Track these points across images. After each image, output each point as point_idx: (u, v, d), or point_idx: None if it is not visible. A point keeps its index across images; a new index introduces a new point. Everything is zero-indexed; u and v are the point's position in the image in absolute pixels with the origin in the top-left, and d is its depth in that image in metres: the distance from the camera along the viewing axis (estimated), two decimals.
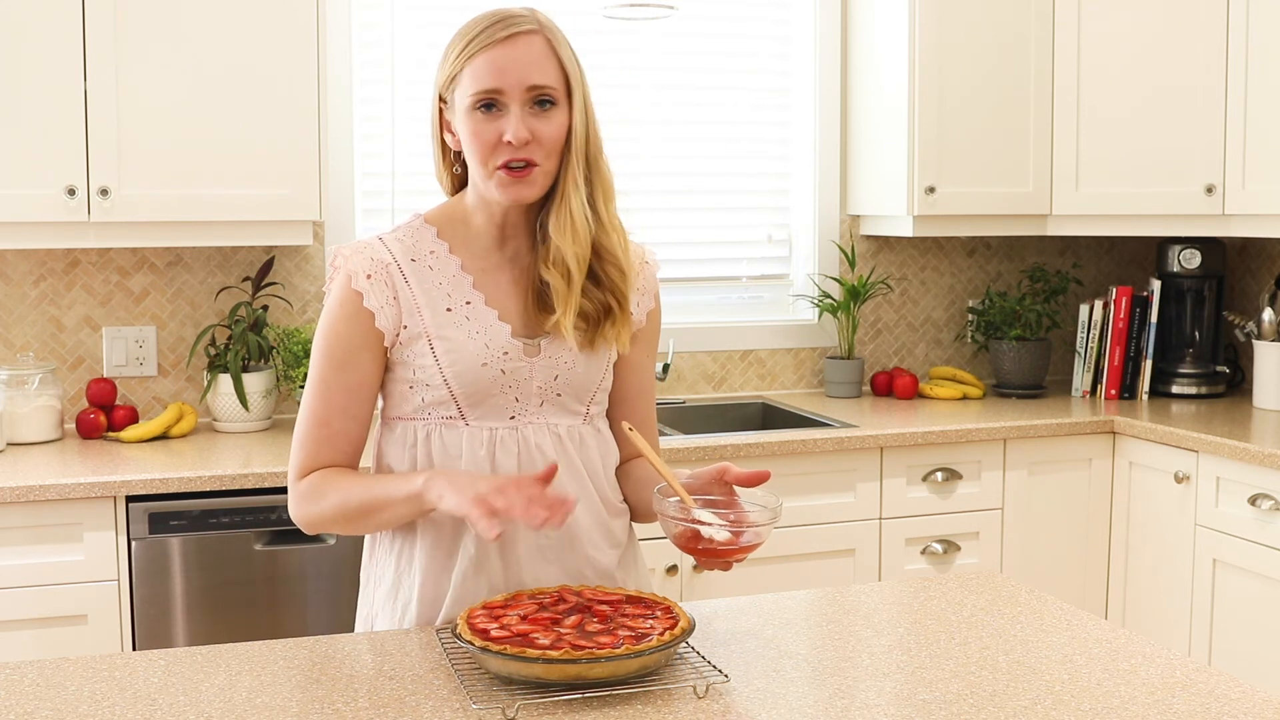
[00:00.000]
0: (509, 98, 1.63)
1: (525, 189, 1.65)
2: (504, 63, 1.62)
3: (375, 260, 1.69)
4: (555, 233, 1.67)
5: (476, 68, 1.63)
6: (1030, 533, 3.36)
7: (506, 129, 1.62)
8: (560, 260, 1.67)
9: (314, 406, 1.71)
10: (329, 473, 1.70)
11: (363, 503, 1.66)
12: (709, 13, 3.72)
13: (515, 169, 1.64)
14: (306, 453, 1.71)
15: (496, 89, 1.62)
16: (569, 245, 1.67)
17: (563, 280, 1.68)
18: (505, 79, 1.62)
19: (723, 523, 1.58)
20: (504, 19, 1.65)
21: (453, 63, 1.66)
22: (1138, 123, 3.51)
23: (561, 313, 1.68)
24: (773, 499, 1.63)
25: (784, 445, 3.10)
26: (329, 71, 3.18)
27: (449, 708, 1.40)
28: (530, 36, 1.64)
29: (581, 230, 1.67)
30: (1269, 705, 1.42)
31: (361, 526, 1.71)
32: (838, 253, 3.84)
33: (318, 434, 1.70)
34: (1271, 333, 3.51)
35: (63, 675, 1.51)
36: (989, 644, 1.62)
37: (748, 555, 1.60)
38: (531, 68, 1.63)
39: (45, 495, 2.61)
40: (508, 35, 1.63)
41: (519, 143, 1.62)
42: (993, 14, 3.53)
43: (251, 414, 3.16)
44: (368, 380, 1.70)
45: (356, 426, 1.71)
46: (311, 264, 3.38)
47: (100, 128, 2.87)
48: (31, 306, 3.19)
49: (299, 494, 1.71)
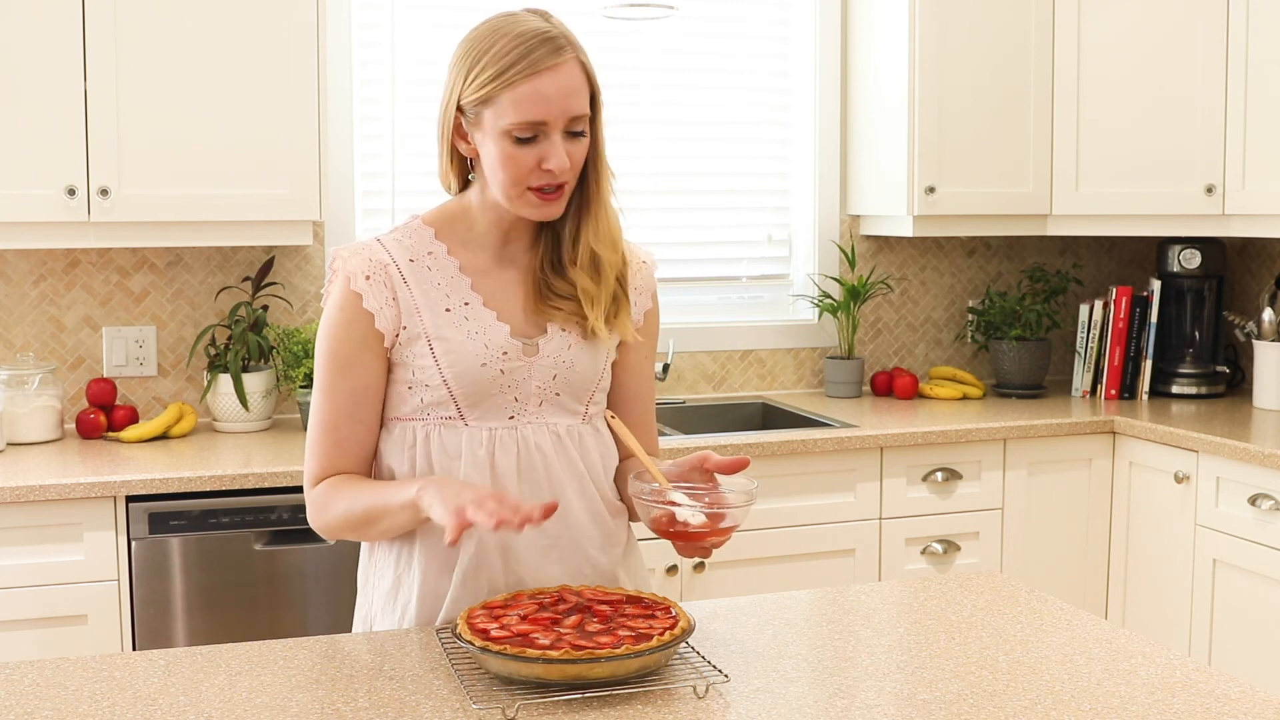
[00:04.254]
0: (552, 128, 1.62)
1: (555, 208, 1.68)
2: (550, 93, 1.61)
3: (374, 261, 1.69)
4: (594, 241, 1.71)
5: (521, 98, 1.60)
6: (1030, 533, 3.36)
7: (548, 158, 1.62)
8: (594, 264, 1.71)
9: (321, 413, 1.71)
10: (336, 481, 1.70)
11: (365, 511, 1.66)
12: (709, 13, 3.72)
13: (549, 192, 1.65)
14: (318, 460, 1.71)
15: (542, 122, 1.61)
16: (607, 253, 1.72)
17: (593, 282, 1.71)
18: (551, 111, 1.61)
19: (697, 504, 1.58)
20: (544, 42, 1.62)
21: (487, 84, 1.62)
22: (1138, 123, 3.51)
23: (594, 315, 1.71)
24: (749, 482, 1.64)
25: (784, 445, 3.10)
26: (329, 71, 3.18)
27: (449, 708, 1.40)
28: (571, 65, 1.63)
29: (619, 238, 1.74)
30: (1269, 705, 1.42)
31: (368, 534, 1.72)
32: (838, 253, 3.84)
33: (327, 440, 1.70)
34: (1271, 333, 3.51)
35: (63, 675, 1.51)
36: (989, 644, 1.62)
37: (725, 539, 1.61)
38: (575, 97, 1.63)
39: (45, 495, 2.61)
40: (553, 65, 1.61)
41: (561, 173, 1.63)
42: (993, 13, 3.53)
43: (251, 414, 3.16)
44: (373, 383, 1.70)
45: (365, 430, 1.71)
46: (311, 264, 3.38)
47: (100, 128, 2.87)
48: (31, 306, 3.19)
49: (312, 503, 1.72)
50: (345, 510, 1.67)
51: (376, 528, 1.68)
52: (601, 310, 1.72)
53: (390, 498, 1.64)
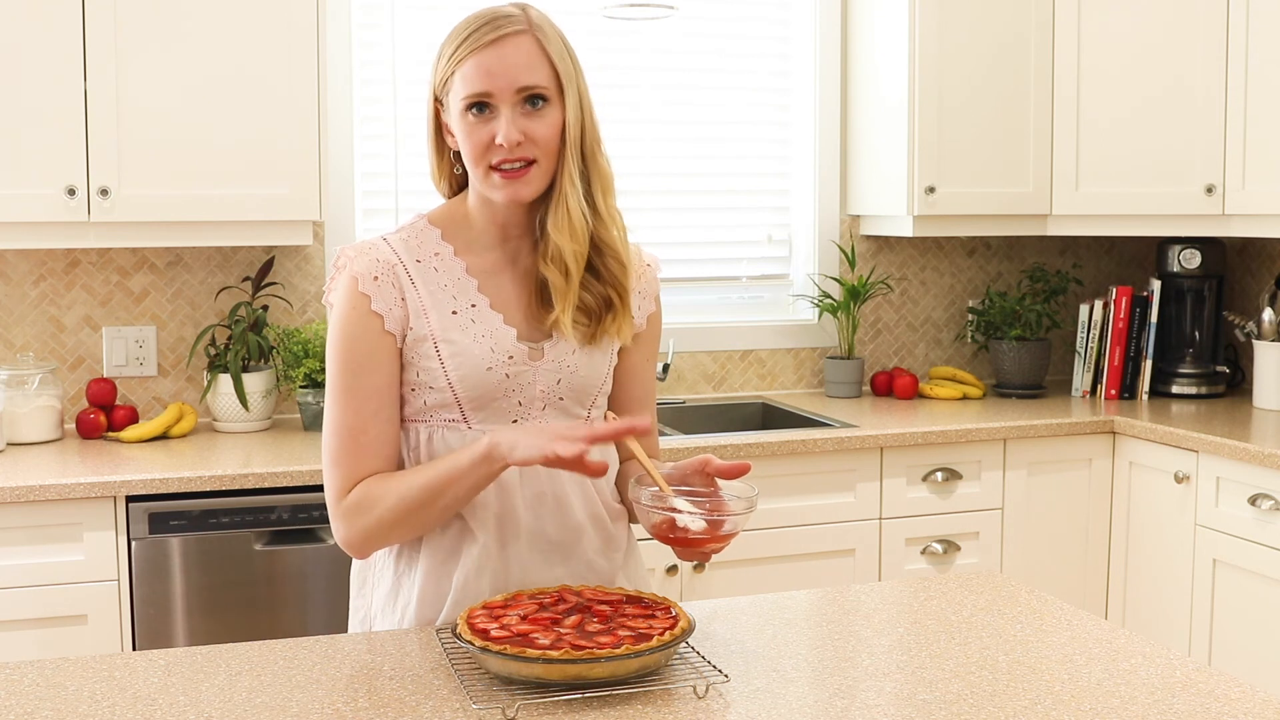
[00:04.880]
0: (499, 100, 1.63)
1: (521, 188, 1.65)
2: (493, 65, 1.62)
3: (381, 262, 1.68)
4: (553, 230, 1.67)
5: (466, 71, 1.63)
6: (1030, 533, 3.36)
7: (498, 131, 1.62)
8: (559, 257, 1.67)
9: (343, 417, 1.65)
10: (376, 479, 1.64)
11: (425, 488, 1.60)
12: (709, 13, 3.72)
13: (510, 170, 1.64)
14: (346, 468, 1.65)
15: (486, 92, 1.62)
16: (567, 242, 1.67)
17: (561, 277, 1.68)
18: (494, 82, 1.62)
19: (698, 511, 1.58)
20: (491, 20, 1.65)
21: (445, 66, 1.66)
22: (1137, 123, 3.51)
23: (561, 310, 1.68)
24: (749, 489, 1.63)
25: (784, 445, 3.10)
26: (329, 72, 3.18)
27: (449, 708, 1.40)
28: (518, 37, 1.64)
29: (579, 227, 1.67)
30: (1269, 705, 1.42)
31: (423, 520, 1.64)
32: (838, 253, 3.84)
33: (354, 444, 1.65)
34: (1271, 333, 3.51)
35: (63, 675, 1.51)
36: (989, 644, 1.62)
37: (725, 545, 1.60)
38: (520, 69, 1.63)
39: (45, 495, 2.61)
40: (495, 37, 1.63)
41: (510, 145, 1.62)
42: (993, 14, 3.53)
43: (251, 414, 3.16)
44: (392, 380, 1.67)
45: (391, 429, 1.67)
46: (311, 264, 3.38)
47: (100, 128, 2.87)
48: (31, 306, 3.19)
49: (346, 511, 1.64)
50: (399, 498, 1.61)
51: (440, 503, 1.61)
52: (570, 307, 1.68)
53: (455, 463, 1.60)
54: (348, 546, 1.67)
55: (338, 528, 1.66)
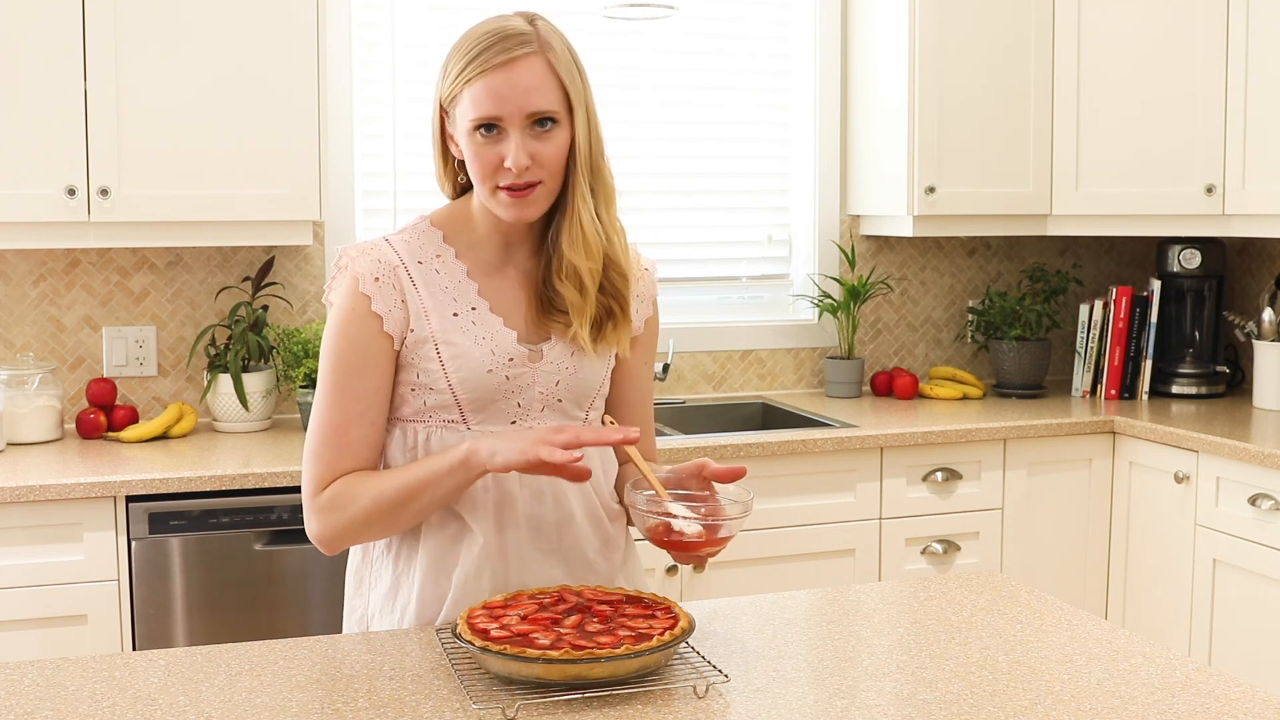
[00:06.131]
0: (508, 124, 1.61)
1: (527, 209, 1.65)
2: (502, 89, 1.60)
3: (382, 262, 1.68)
4: (568, 248, 1.67)
5: (475, 93, 1.60)
6: (1030, 533, 3.36)
7: (507, 154, 1.61)
8: (574, 274, 1.67)
9: (329, 415, 1.66)
10: (352, 477, 1.65)
11: (400, 490, 1.61)
12: (709, 13, 3.72)
13: (517, 191, 1.63)
14: (325, 464, 1.66)
15: (496, 116, 1.60)
16: (583, 260, 1.67)
17: (577, 293, 1.68)
18: (504, 107, 1.60)
19: (693, 515, 1.58)
20: (502, 40, 1.61)
21: (453, 82, 1.64)
22: (1138, 123, 3.51)
23: (578, 325, 1.69)
24: (745, 493, 1.63)
25: (784, 445, 3.10)
26: (329, 72, 3.18)
27: (449, 708, 1.40)
28: (529, 60, 1.61)
29: (595, 245, 1.67)
30: (1269, 705, 1.42)
31: (395, 522, 1.65)
32: (838, 253, 3.84)
33: (337, 443, 1.65)
34: (1271, 333, 3.51)
35: (63, 675, 1.51)
36: (989, 644, 1.62)
37: (720, 549, 1.61)
38: (531, 93, 1.60)
39: (45, 495, 2.61)
40: (506, 60, 1.60)
41: (519, 169, 1.60)
42: (993, 13, 3.53)
43: (251, 414, 3.16)
44: (384, 384, 1.68)
45: (375, 433, 1.68)
46: (311, 264, 3.38)
47: (100, 128, 2.87)
48: (31, 306, 3.19)
49: (320, 507, 1.65)
50: (374, 498, 1.62)
51: (414, 506, 1.62)
52: (587, 322, 1.69)
53: (432, 466, 1.60)
54: (318, 541, 1.68)
55: (310, 522, 1.67)
